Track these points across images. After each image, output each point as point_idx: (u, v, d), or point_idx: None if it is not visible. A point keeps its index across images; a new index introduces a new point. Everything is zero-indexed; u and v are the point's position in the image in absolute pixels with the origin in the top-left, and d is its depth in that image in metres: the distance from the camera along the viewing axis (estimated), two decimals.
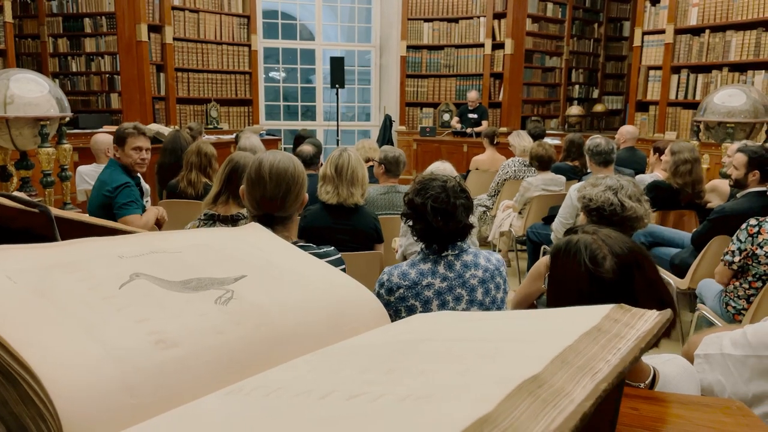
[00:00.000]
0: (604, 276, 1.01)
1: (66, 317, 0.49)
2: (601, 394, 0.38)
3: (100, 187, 2.75)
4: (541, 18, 8.24)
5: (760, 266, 2.30)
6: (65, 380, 0.42)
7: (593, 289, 1.02)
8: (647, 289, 1.00)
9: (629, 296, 0.98)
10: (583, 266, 1.02)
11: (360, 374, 0.47)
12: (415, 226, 1.63)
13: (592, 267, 1.01)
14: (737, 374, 1.03)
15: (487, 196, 5.07)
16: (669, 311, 0.55)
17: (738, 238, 2.35)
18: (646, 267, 1.02)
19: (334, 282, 0.70)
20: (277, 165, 1.44)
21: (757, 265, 2.31)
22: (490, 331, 0.59)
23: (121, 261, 0.62)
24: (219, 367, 0.50)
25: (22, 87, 3.13)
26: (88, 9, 6.93)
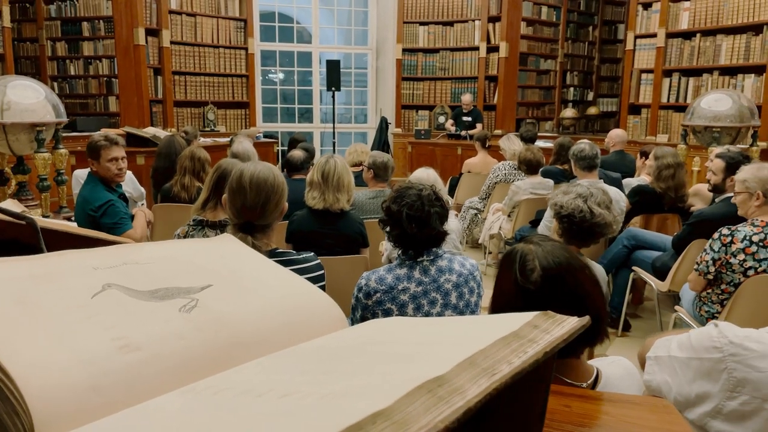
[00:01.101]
0: (529, 287, 1.08)
1: (40, 324, 0.56)
2: (491, 392, 0.45)
3: (84, 205, 2.75)
4: (535, 21, 8.30)
5: (734, 274, 2.37)
6: (36, 380, 0.49)
7: (520, 299, 1.09)
8: (572, 302, 1.06)
9: (554, 307, 1.03)
10: (514, 276, 1.09)
11: (300, 375, 0.54)
12: (392, 233, 1.70)
13: (521, 278, 1.08)
14: (682, 375, 1.10)
15: (478, 199, 5.13)
16: (586, 318, 0.62)
17: (711, 247, 2.41)
18: (574, 281, 1.08)
19: (294, 290, 0.77)
20: (257, 175, 1.52)
21: (731, 273, 2.37)
22: (424, 336, 0.67)
23: (95, 272, 0.69)
24: (179, 369, 0.56)
25: (19, 93, 3.20)
26: (86, 13, 7.00)
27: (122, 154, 2.91)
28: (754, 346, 1.03)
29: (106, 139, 2.85)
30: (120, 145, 2.92)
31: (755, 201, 2.34)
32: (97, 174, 2.85)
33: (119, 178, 2.91)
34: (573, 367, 1.07)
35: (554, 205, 1.96)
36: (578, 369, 1.07)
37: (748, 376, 1.02)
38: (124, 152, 2.97)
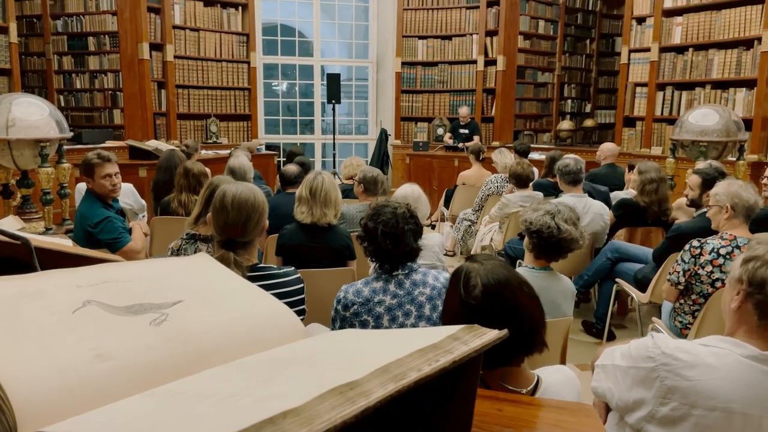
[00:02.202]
0: (471, 302, 1.18)
1: (25, 336, 0.67)
2: (393, 394, 0.55)
3: (82, 221, 2.86)
4: (532, 35, 8.43)
5: (702, 285, 2.45)
6: (19, 384, 0.59)
7: (464, 312, 1.19)
8: (510, 315, 1.16)
9: (493, 320, 1.13)
10: (459, 292, 1.19)
11: (244, 381, 0.65)
12: (368, 248, 1.81)
13: (464, 294, 1.18)
14: (622, 382, 1.19)
15: (472, 211, 5.23)
16: (504, 331, 0.73)
17: (682, 258, 2.50)
18: (512, 296, 1.18)
19: (257, 305, 0.88)
20: (239, 196, 1.63)
21: (700, 284, 2.46)
22: (360, 347, 0.77)
23: (78, 290, 0.80)
24: (146, 376, 0.67)
25: (24, 110, 3.33)
26: (92, 28, 7.18)
27: (115, 170, 3.02)
28: (683, 356, 1.13)
29: (99, 157, 2.96)
30: (113, 162, 3.02)
31: (725, 214, 2.44)
32: (93, 191, 2.96)
33: (114, 194, 3.03)
34: (514, 374, 1.17)
35: (524, 222, 2.06)
36: (519, 376, 1.17)
37: (677, 384, 1.11)
38: (117, 168, 3.07)
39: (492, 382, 1.15)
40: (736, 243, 2.41)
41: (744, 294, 1.16)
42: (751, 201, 2.40)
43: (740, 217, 2.43)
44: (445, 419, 0.75)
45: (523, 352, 1.16)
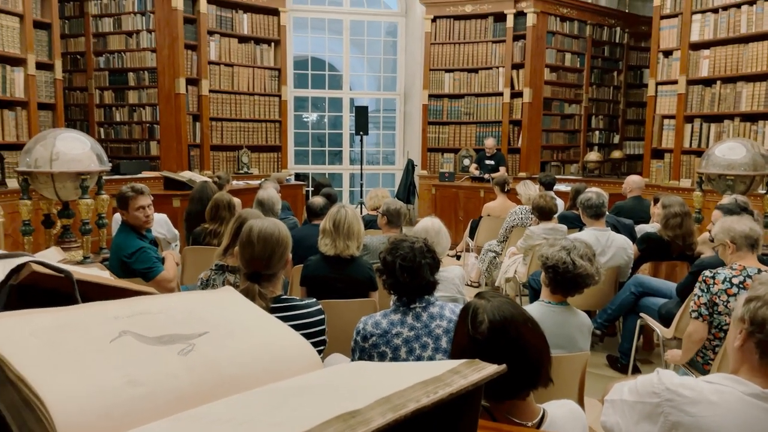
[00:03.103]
0: (478, 337, 1.23)
1: (67, 363, 0.75)
2: (391, 422, 0.62)
3: (117, 251, 3.01)
4: (559, 68, 8.51)
5: (720, 317, 2.45)
6: (61, 406, 0.68)
7: (471, 346, 1.24)
8: (514, 350, 1.21)
9: (498, 354, 1.18)
10: (467, 327, 1.25)
11: (260, 408, 0.73)
12: (387, 281, 1.87)
13: (471, 329, 1.24)
14: (629, 417, 1.22)
15: (497, 242, 5.26)
16: (503, 367, 0.79)
17: (700, 289, 2.51)
18: (516, 332, 1.23)
19: (278, 337, 0.96)
20: (264, 231, 1.72)
21: (718, 315, 2.46)
22: (367, 379, 0.85)
23: (115, 321, 0.89)
24: (172, 402, 0.75)
25: (67, 145, 3.53)
26: (132, 64, 7.53)
27: (148, 202, 3.17)
28: (687, 392, 1.16)
29: (133, 190, 3.13)
30: (146, 194, 3.17)
31: (729, 250, 2.50)
32: (127, 222, 3.12)
33: (147, 225, 3.18)
34: (520, 407, 1.21)
35: (540, 257, 2.10)
36: (525, 410, 1.21)
37: (681, 419, 1.14)
38: (150, 200, 3.22)
39: (498, 414, 1.19)
40: (746, 272, 2.44)
41: (746, 333, 1.19)
42: (746, 231, 2.48)
43: (744, 248, 2.50)
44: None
45: (527, 387, 1.20)
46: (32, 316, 0.87)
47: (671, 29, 6.65)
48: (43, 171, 3.41)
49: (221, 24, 7.75)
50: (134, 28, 7.44)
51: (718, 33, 6.14)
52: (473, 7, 8.33)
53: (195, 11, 7.43)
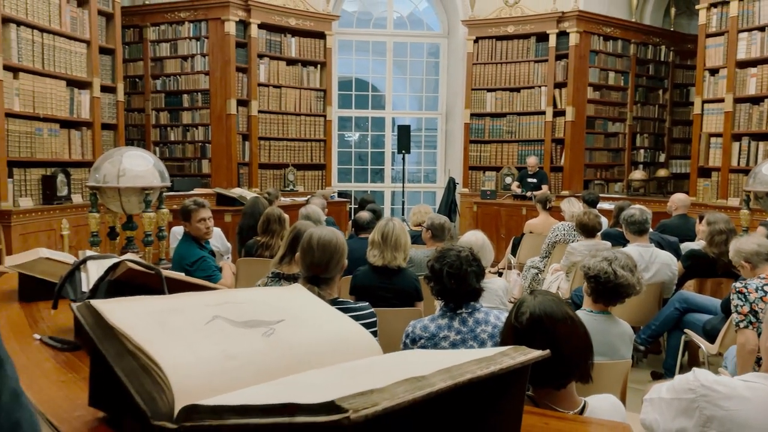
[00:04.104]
0: (517, 326, 1.34)
1: (175, 339, 0.90)
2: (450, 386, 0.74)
3: (180, 260, 3.23)
4: (602, 86, 8.51)
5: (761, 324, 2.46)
6: (175, 371, 0.82)
7: (511, 333, 1.37)
8: (549, 341, 1.30)
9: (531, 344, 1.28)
10: (511, 316, 1.37)
11: (334, 377, 0.87)
12: (434, 287, 1.99)
13: (514, 320, 1.35)
14: (666, 413, 1.30)
15: (539, 259, 5.29)
16: (547, 352, 0.91)
17: (739, 300, 2.55)
18: (552, 326, 1.34)
19: (343, 327, 1.11)
20: (323, 238, 1.87)
21: (759, 324, 2.47)
22: (429, 357, 0.97)
23: (206, 308, 1.05)
24: (260, 372, 0.89)
25: (133, 162, 3.79)
26: (187, 86, 7.92)
27: (209, 214, 3.40)
28: (721, 388, 1.23)
29: (195, 203, 3.37)
30: (206, 207, 3.41)
31: (747, 269, 2.56)
32: (189, 233, 3.34)
33: (208, 236, 3.39)
34: (560, 397, 1.31)
35: (582, 267, 2.18)
36: (566, 399, 1.30)
37: (715, 413, 1.22)
38: (211, 213, 3.45)
39: (541, 403, 1.29)
40: None
41: None
42: (755, 248, 2.59)
43: (760, 263, 2.61)
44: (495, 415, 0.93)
45: (560, 377, 1.30)
46: (141, 302, 1.04)
47: (717, 47, 6.61)
48: (112, 186, 3.67)
49: (270, 47, 8.08)
50: (189, 53, 7.84)
51: (765, 51, 6.07)
52: (515, 28, 8.45)
53: (246, 35, 7.78)
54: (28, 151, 4.94)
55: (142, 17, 7.89)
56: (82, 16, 5.54)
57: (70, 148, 5.48)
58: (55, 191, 5.09)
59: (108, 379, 0.89)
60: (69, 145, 5.47)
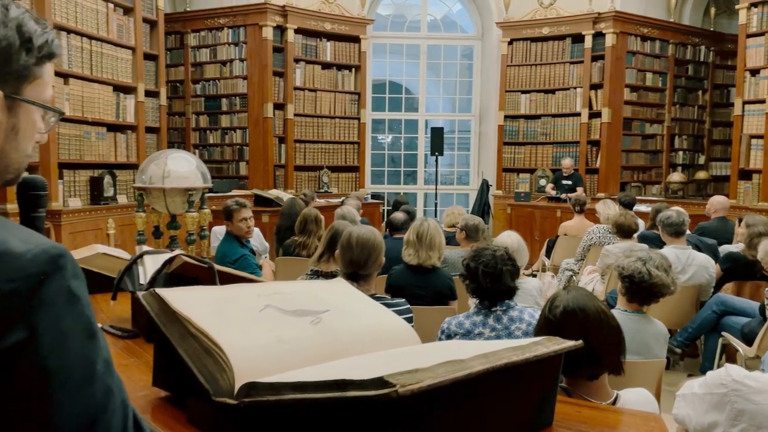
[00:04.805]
0: (551, 317, 1.39)
1: (232, 324, 0.98)
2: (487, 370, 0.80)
3: (222, 258, 3.36)
4: (640, 87, 8.40)
5: None
6: (234, 352, 0.90)
7: (544, 324, 1.43)
8: (579, 333, 1.35)
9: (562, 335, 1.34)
10: (545, 308, 1.42)
11: (378, 360, 0.94)
12: (470, 285, 2.04)
13: (548, 312, 1.40)
14: (699, 408, 1.33)
15: (574, 261, 5.27)
16: (579, 342, 0.97)
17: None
18: (584, 319, 1.38)
19: (382, 317, 1.18)
20: (362, 236, 1.95)
21: None
22: (467, 346, 1.04)
23: (258, 297, 1.13)
24: (309, 357, 0.96)
25: (177, 164, 3.94)
26: (225, 91, 8.13)
27: (250, 214, 3.52)
28: (752, 383, 1.26)
29: (237, 203, 3.49)
30: (248, 208, 3.53)
31: None
32: (231, 232, 3.46)
33: (249, 235, 3.51)
34: (593, 388, 1.35)
35: (617, 267, 2.20)
36: (599, 391, 1.35)
37: (746, 407, 1.25)
38: (251, 213, 3.57)
39: (574, 393, 1.33)
40: None
41: None
42: None
43: None
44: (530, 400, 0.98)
45: (592, 368, 1.35)
46: (200, 291, 1.13)
47: (758, 48, 6.46)
48: (157, 187, 3.82)
49: (306, 52, 8.24)
50: (228, 58, 8.05)
51: None
52: (550, 29, 8.41)
53: (283, 41, 7.95)
54: (77, 153, 5.17)
55: (184, 24, 8.13)
56: (127, 24, 5.76)
57: (116, 150, 5.71)
58: (102, 192, 5.30)
59: (171, 361, 0.98)
60: (115, 148, 5.69)
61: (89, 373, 0.61)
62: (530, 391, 0.99)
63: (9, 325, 0.55)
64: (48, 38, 0.68)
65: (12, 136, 0.68)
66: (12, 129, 0.68)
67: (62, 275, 0.60)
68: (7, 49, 0.64)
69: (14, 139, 0.69)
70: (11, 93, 0.66)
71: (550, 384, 1.01)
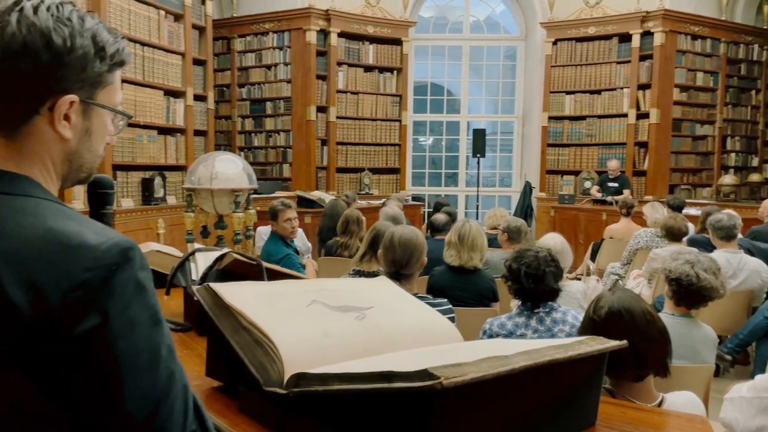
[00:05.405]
0: (596, 318, 1.38)
1: (282, 318, 1.02)
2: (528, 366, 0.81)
3: (267, 258, 3.45)
4: (690, 87, 8.15)
5: None
6: (284, 346, 0.93)
7: (589, 324, 1.43)
8: (624, 334, 1.34)
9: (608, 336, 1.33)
10: (590, 309, 1.41)
11: (422, 356, 0.96)
12: (512, 286, 2.04)
13: (593, 312, 1.40)
14: (747, 411, 1.30)
15: (620, 265, 5.16)
16: (623, 342, 0.98)
17: None
18: (630, 320, 1.37)
19: (425, 315, 1.21)
20: (404, 236, 1.97)
21: None
22: (510, 345, 1.05)
23: (306, 293, 1.17)
24: (353, 351, 1.00)
25: (224, 165, 4.05)
26: (270, 94, 8.30)
27: (294, 215, 3.60)
28: None
29: (282, 204, 3.58)
30: (292, 208, 3.62)
31: None
32: (276, 232, 3.55)
33: (293, 235, 3.59)
34: (638, 390, 1.34)
35: (664, 270, 2.16)
36: (643, 393, 1.34)
37: None
38: (296, 213, 3.65)
39: (618, 394, 1.33)
40: None
41: None
42: None
43: None
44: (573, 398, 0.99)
45: (637, 370, 1.33)
46: (250, 286, 1.18)
47: None
48: (205, 188, 3.94)
49: (349, 55, 8.33)
50: (273, 62, 8.21)
51: None
52: (596, 29, 8.25)
53: (326, 44, 8.06)
54: (130, 155, 5.37)
55: (230, 29, 8.34)
56: (178, 30, 5.96)
57: (166, 152, 5.90)
58: (152, 193, 5.49)
59: (223, 352, 1.03)
60: (165, 150, 5.89)
61: (154, 358, 0.65)
62: (573, 389, 1.00)
63: (85, 312, 0.60)
64: (119, 47, 0.74)
65: (86, 138, 0.74)
66: (86, 131, 0.74)
67: (131, 266, 0.64)
68: (83, 57, 0.69)
69: (88, 140, 0.75)
70: (86, 98, 0.72)
71: (593, 383, 1.01)
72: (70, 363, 0.60)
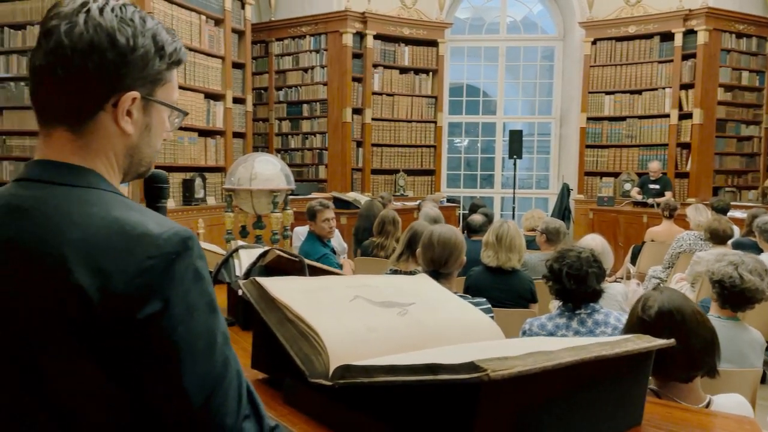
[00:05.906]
0: (645, 318, 1.36)
1: (326, 312, 1.04)
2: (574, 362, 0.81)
3: (305, 257, 3.47)
4: (734, 87, 7.91)
5: None
6: (329, 339, 0.95)
7: (638, 324, 1.40)
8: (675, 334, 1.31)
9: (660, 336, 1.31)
10: (637, 309, 1.39)
11: (464, 350, 0.97)
12: (553, 287, 2.02)
13: (641, 311, 1.37)
14: None
15: (661, 269, 5.04)
16: (672, 341, 0.97)
17: None
18: (682, 320, 1.34)
19: (467, 311, 1.21)
20: (443, 235, 1.98)
21: None
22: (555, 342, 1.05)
23: (348, 288, 1.19)
24: (396, 345, 1.01)
25: (263, 167, 4.11)
26: (306, 97, 8.40)
27: (332, 215, 3.64)
28: None
29: (321, 204, 3.62)
30: (330, 209, 3.66)
31: None
32: (314, 232, 3.59)
33: (330, 235, 3.63)
34: (685, 391, 1.32)
35: (707, 272, 2.10)
36: (690, 394, 1.31)
37: None
38: (333, 214, 3.69)
39: (664, 395, 1.30)
40: None
41: None
42: None
43: None
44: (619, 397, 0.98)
45: (687, 370, 1.31)
46: (295, 281, 1.20)
47: None
48: (244, 188, 4.01)
49: (384, 57, 8.36)
50: (309, 65, 8.31)
51: None
52: (637, 28, 8.08)
53: (362, 47, 8.12)
54: (172, 157, 5.51)
55: (269, 33, 8.48)
56: (218, 35, 6.09)
57: (206, 154, 6.03)
58: (193, 193, 5.62)
59: (269, 345, 1.05)
60: (205, 152, 6.01)
61: (211, 343, 0.68)
62: (619, 388, 0.99)
63: (148, 298, 0.63)
64: (177, 46, 0.77)
65: (146, 133, 0.78)
66: (146, 127, 0.77)
67: (190, 255, 0.67)
68: (145, 55, 0.72)
69: (147, 135, 0.78)
70: (147, 95, 0.75)
71: (640, 382, 1.00)
72: (132, 348, 0.63)
